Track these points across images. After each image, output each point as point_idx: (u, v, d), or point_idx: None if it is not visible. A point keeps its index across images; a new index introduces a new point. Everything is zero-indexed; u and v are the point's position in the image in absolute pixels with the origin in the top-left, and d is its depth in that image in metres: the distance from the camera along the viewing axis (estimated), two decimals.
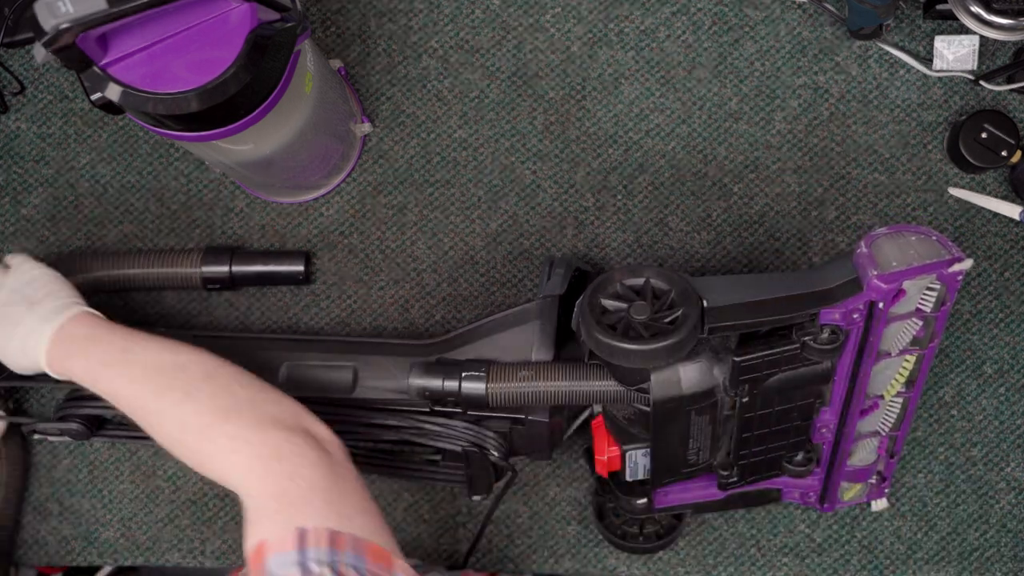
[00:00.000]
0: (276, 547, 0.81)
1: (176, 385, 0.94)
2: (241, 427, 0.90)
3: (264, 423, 0.91)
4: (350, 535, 0.83)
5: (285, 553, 0.80)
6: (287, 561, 0.80)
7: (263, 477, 0.87)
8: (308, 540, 0.81)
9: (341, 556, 0.81)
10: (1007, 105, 1.20)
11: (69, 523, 1.24)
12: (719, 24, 1.21)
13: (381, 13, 1.22)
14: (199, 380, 0.95)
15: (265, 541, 0.82)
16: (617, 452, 1.06)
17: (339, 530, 0.82)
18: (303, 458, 0.88)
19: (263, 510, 0.85)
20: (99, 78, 0.86)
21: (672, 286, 0.94)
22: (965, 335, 1.21)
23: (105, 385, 0.98)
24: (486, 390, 1.02)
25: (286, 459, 0.88)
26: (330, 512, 0.85)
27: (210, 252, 1.19)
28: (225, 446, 0.90)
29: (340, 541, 0.82)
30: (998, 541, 1.21)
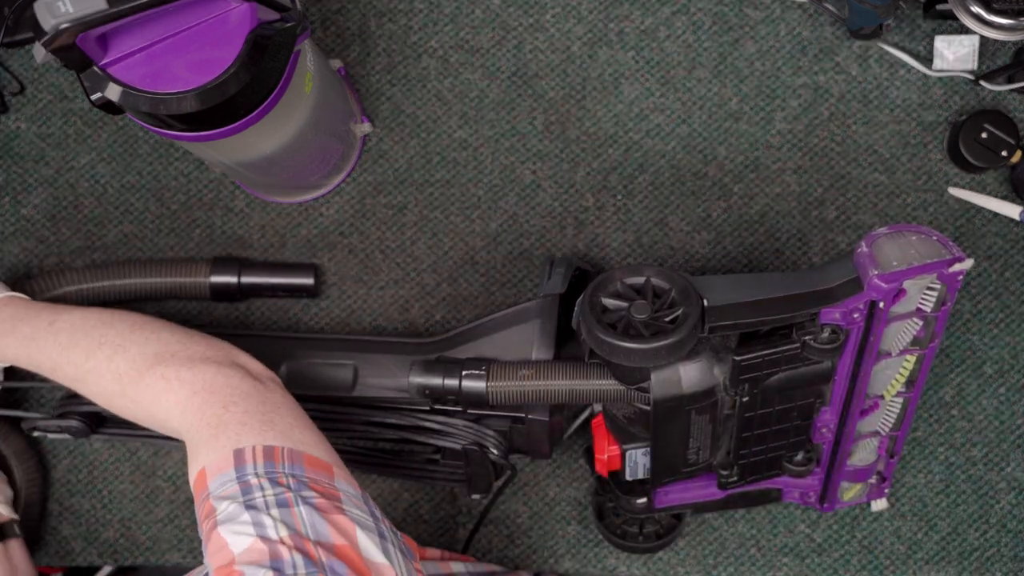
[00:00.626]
0: (215, 470, 0.82)
1: (105, 341, 0.97)
2: (173, 367, 0.93)
3: (195, 361, 0.93)
4: (287, 448, 0.84)
5: (224, 473, 0.82)
6: (226, 480, 0.81)
7: (199, 410, 0.89)
8: (245, 457, 0.82)
9: (279, 467, 0.82)
10: (1007, 105, 1.20)
11: (69, 523, 1.24)
12: (719, 24, 1.21)
13: (381, 13, 1.22)
14: (127, 332, 0.97)
15: (204, 467, 0.83)
16: (617, 451, 1.06)
17: (274, 444, 0.84)
18: (236, 388, 0.91)
19: (200, 439, 0.87)
20: (99, 78, 0.86)
21: (672, 285, 0.94)
22: (965, 335, 1.21)
23: (37, 358, 1.00)
24: (486, 388, 1.02)
25: (219, 390, 0.91)
26: (267, 430, 0.86)
27: (218, 264, 1.19)
28: (161, 387, 0.92)
29: (275, 453, 0.83)
30: (998, 541, 1.21)
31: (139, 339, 0.97)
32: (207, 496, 0.81)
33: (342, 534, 0.78)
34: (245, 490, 0.80)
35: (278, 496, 0.79)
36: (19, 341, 1.02)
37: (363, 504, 0.84)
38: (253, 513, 0.77)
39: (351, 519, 0.80)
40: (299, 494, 0.80)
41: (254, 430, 0.86)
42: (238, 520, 0.77)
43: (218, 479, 0.82)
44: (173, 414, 0.91)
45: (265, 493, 0.79)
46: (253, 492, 0.79)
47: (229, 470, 0.82)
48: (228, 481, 0.81)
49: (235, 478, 0.81)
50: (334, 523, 0.78)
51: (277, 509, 0.78)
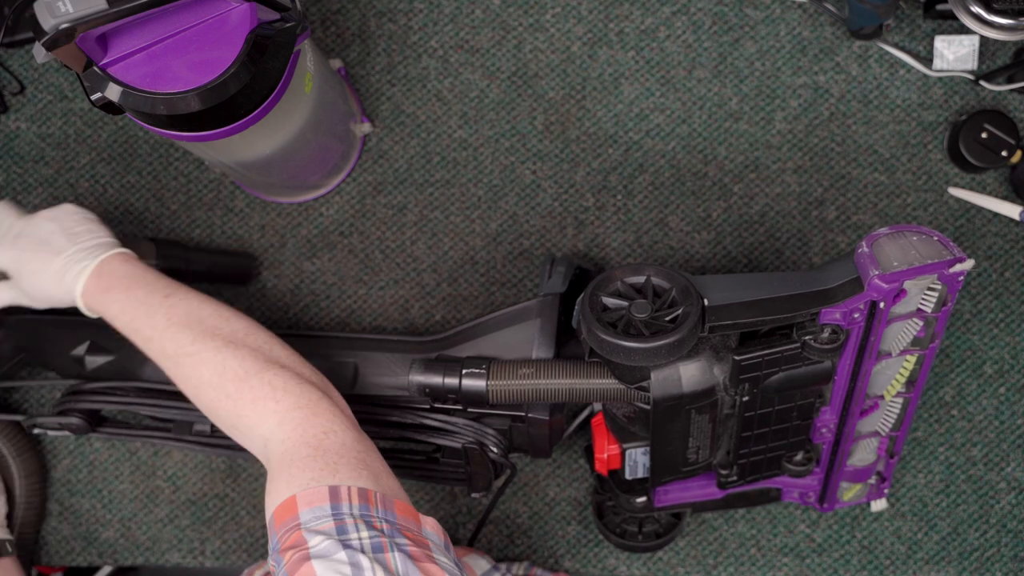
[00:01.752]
0: (308, 501, 0.81)
1: (219, 334, 0.95)
2: (284, 378, 0.92)
3: (303, 380, 0.93)
4: (379, 493, 0.83)
5: (319, 507, 0.80)
6: (321, 514, 0.80)
7: (299, 426, 0.88)
8: (341, 496, 0.81)
9: (373, 511, 0.81)
10: (1007, 105, 1.20)
11: (69, 523, 1.24)
12: (719, 24, 1.21)
13: (381, 13, 1.22)
14: (242, 333, 0.96)
15: (296, 496, 0.81)
16: (617, 450, 1.06)
17: (368, 488, 0.83)
18: (337, 419, 0.90)
19: (296, 456, 0.86)
20: (99, 78, 0.86)
21: (673, 284, 0.94)
22: (965, 335, 1.21)
23: (140, 324, 0.98)
24: (486, 387, 1.02)
25: (323, 415, 0.90)
26: (362, 469, 0.85)
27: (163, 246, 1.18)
28: (265, 393, 0.91)
29: (370, 496, 0.82)
30: (998, 541, 1.21)
31: (252, 343, 0.95)
32: (297, 525, 0.80)
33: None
34: (340, 529, 0.78)
35: (373, 540, 0.78)
36: (129, 301, 0.99)
37: (447, 553, 0.84)
38: (350, 553, 0.76)
39: (442, 568, 0.79)
40: (393, 540, 0.79)
41: (351, 465, 0.85)
42: (333, 557, 0.76)
43: (312, 511, 0.80)
44: (270, 422, 0.90)
45: (361, 535, 0.78)
46: (349, 532, 0.78)
47: (325, 504, 0.80)
48: (323, 516, 0.79)
49: (331, 514, 0.80)
50: (427, 572, 0.77)
51: (373, 554, 0.77)
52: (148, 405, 1.11)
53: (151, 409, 1.12)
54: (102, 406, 1.15)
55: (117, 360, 1.13)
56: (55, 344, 1.15)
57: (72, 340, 1.14)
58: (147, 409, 1.12)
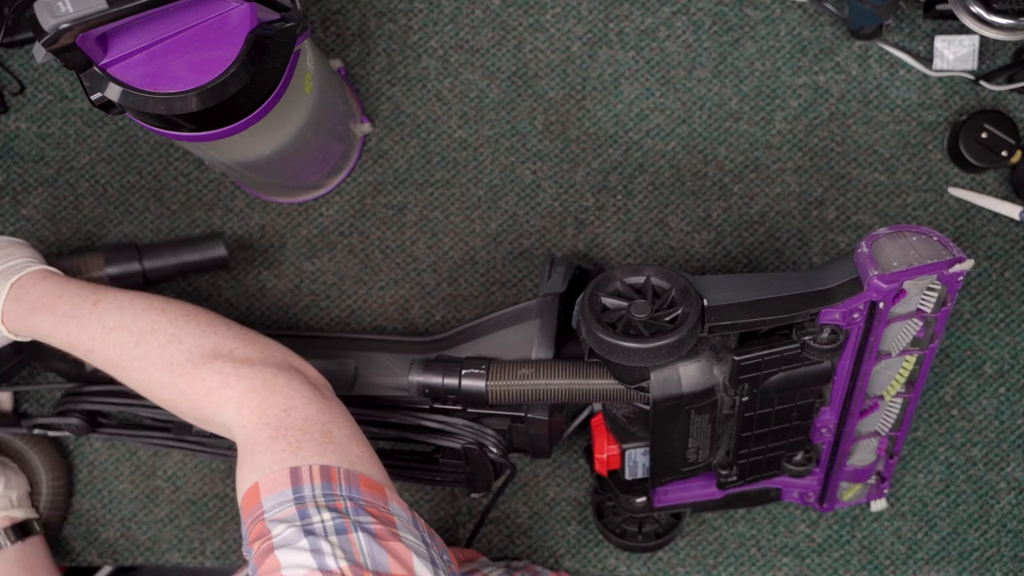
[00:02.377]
0: (269, 487, 0.80)
1: (159, 328, 0.92)
2: (232, 363, 0.89)
3: (255, 360, 0.90)
4: (343, 468, 0.82)
5: (280, 492, 0.79)
6: (282, 500, 0.79)
7: (258, 409, 0.86)
8: (302, 477, 0.80)
9: (336, 489, 0.80)
10: (1007, 105, 1.20)
11: (69, 523, 1.24)
12: (719, 24, 1.21)
13: (381, 13, 1.22)
14: (181, 321, 0.93)
15: (258, 483, 0.80)
16: (616, 451, 1.06)
17: (331, 464, 0.81)
18: (297, 392, 0.88)
19: (258, 439, 0.84)
20: (99, 78, 0.86)
21: (672, 284, 0.94)
22: (965, 335, 1.21)
23: (76, 338, 0.95)
24: (486, 387, 1.02)
25: (280, 392, 0.87)
26: (326, 442, 0.84)
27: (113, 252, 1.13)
28: (218, 382, 0.89)
29: (333, 474, 0.81)
30: (998, 541, 1.21)
31: (195, 330, 0.92)
32: (260, 515, 0.79)
33: (400, 563, 0.76)
34: (303, 513, 0.77)
35: (336, 522, 0.77)
36: (57, 318, 0.96)
37: (415, 528, 0.82)
38: (312, 540, 0.75)
39: (407, 546, 0.78)
40: (356, 519, 0.78)
41: (314, 440, 0.84)
42: (296, 546, 0.75)
43: (273, 498, 0.79)
44: (227, 410, 0.88)
45: (323, 518, 0.77)
46: (311, 516, 0.77)
47: (286, 489, 0.79)
48: (285, 502, 0.79)
49: (292, 499, 0.79)
50: (392, 551, 0.76)
51: (336, 536, 0.76)
52: (147, 406, 1.11)
53: (150, 410, 1.12)
54: (102, 407, 1.15)
55: None
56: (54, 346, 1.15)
57: None
58: (146, 410, 1.12)
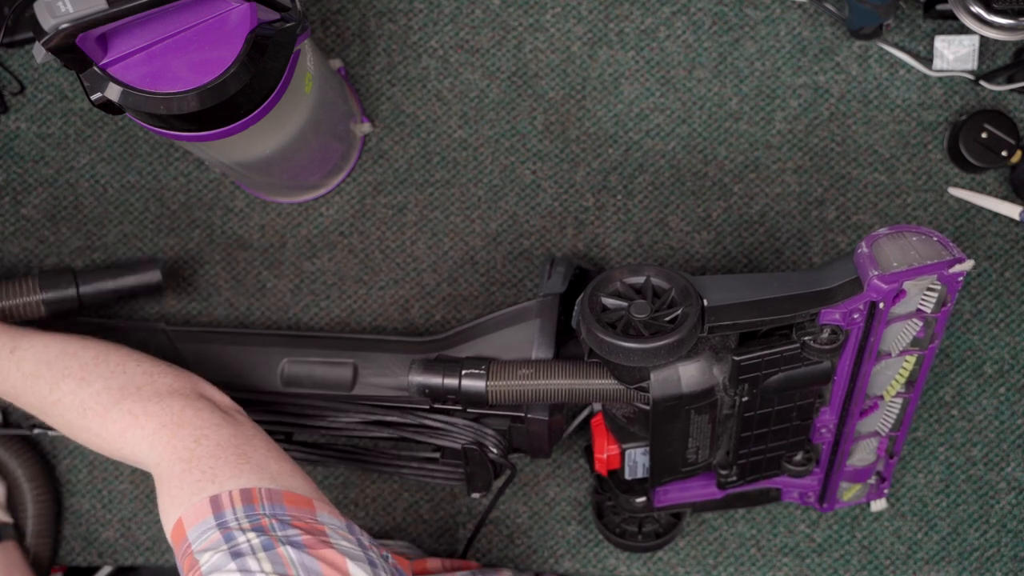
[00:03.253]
0: (192, 520, 0.80)
1: (69, 373, 0.95)
2: (140, 402, 0.91)
3: (162, 395, 0.92)
4: (264, 488, 0.82)
5: (203, 522, 0.79)
6: (205, 528, 0.79)
7: (169, 444, 0.87)
8: (223, 503, 0.80)
9: (258, 509, 0.80)
10: (1007, 105, 1.20)
11: (69, 523, 1.24)
12: (719, 24, 1.21)
13: (381, 13, 1.22)
14: (91, 364, 0.96)
15: (181, 518, 0.81)
16: (616, 451, 1.06)
17: (251, 485, 0.82)
18: (206, 421, 0.89)
19: (172, 474, 0.85)
20: (99, 78, 0.86)
21: (672, 285, 0.94)
22: (965, 335, 1.21)
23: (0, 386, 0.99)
24: (486, 387, 1.02)
25: (189, 424, 0.89)
26: (242, 463, 0.84)
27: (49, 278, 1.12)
28: (128, 423, 0.90)
29: (254, 495, 0.81)
30: (998, 541, 1.21)
31: (104, 372, 0.95)
32: (188, 549, 0.79)
33: (333, 568, 0.76)
34: (227, 536, 0.77)
35: (262, 539, 0.76)
36: None
37: (349, 534, 0.82)
38: (239, 560, 0.75)
39: (339, 551, 0.77)
40: (283, 534, 0.77)
41: (229, 464, 0.84)
42: (224, 569, 0.75)
43: (196, 528, 0.79)
44: (141, 448, 0.89)
45: (249, 538, 0.76)
46: (236, 538, 0.77)
47: (208, 517, 0.79)
48: (208, 530, 0.78)
49: (214, 525, 0.78)
50: (323, 558, 0.76)
51: (264, 552, 0.75)
52: None
53: None
54: None
55: None
56: None
57: None
58: None
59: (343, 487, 1.23)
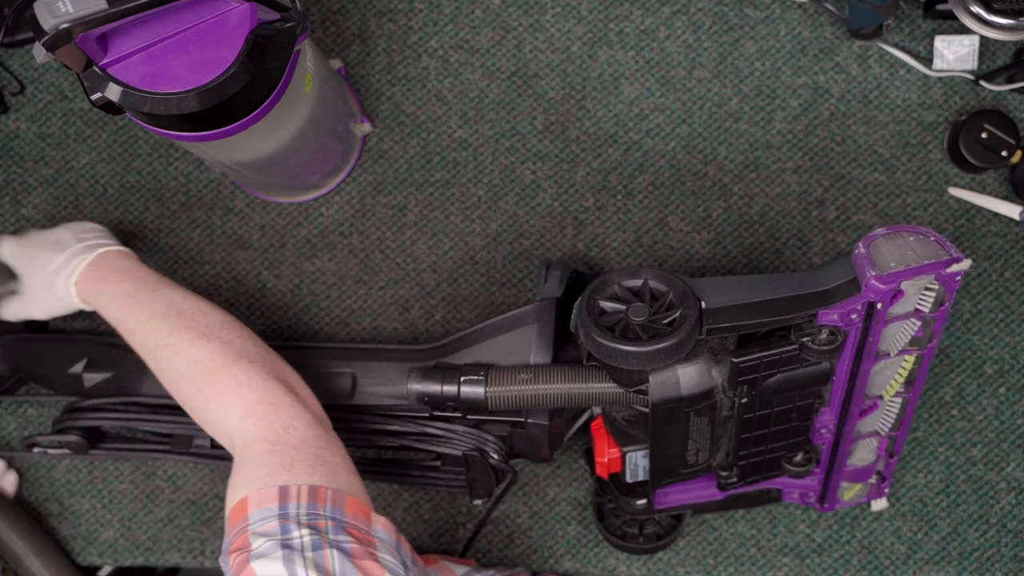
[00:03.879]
0: (258, 502, 0.83)
1: (194, 326, 0.98)
2: (250, 373, 0.94)
3: (270, 375, 0.95)
4: (331, 490, 0.85)
5: (267, 508, 0.82)
6: (268, 514, 0.82)
7: (260, 421, 0.90)
8: (290, 495, 0.83)
9: (320, 509, 0.83)
10: (1007, 105, 1.20)
11: (69, 523, 1.24)
12: (719, 24, 1.21)
13: (381, 13, 1.22)
14: (217, 326, 0.99)
15: (248, 497, 0.84)
16: (617, 454, 1.06)
17: (319, 484, 0.85)
18: (300, 414, 0.92)
19: (255, 451, 0.88)
20: (99, 78, 0.86)
21: (670, 287, 0.94)
22: (965, 335, 1.21)
23: (126, 315, 1.02)
24: (485, 394, 1.02)
25: (284, 410, 0.92)
26: (317, 465, 0.87)
27: None
28: (231, 387, 0.93)
29: (320, 495, 0.84)
30: (998, 541, 1.21)
31: (225, 336, 0.98)
32: (245, 527, 0.82)
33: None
34: (284, 528, 0.81)
35: (313, 538, 0.80)
36: (119, 295, 1.03)
37: (395, 551, 0.85)
38: (287, 552, 0.78)
39: (382, 566, 0.81)
40: (334, 538, 0.81)
41: (307, 461, 0.87)
42: (271, 557, 0.78)
43: (260, 512, 0.82)
44: (233, 415, 0.92)
45: (302, 534, 0.80)
46: (291, 531, 0.80)
47: (273, 505, 0.82)
48: (269, 516, 0.82)
49: (277, 514, 0.82)
50: (364, 569, 0.79)
51: (311, 552, 0.79)
52: (147, 420, 1.12)
53: (150, 424, 1.13)
54: (101, 423, 1.15)
55: (115, 376, 1.13)
56: (53, 362, 1.15)
57: (70, 357, 1.14)
58: (146, 424, 1.13)
59: None
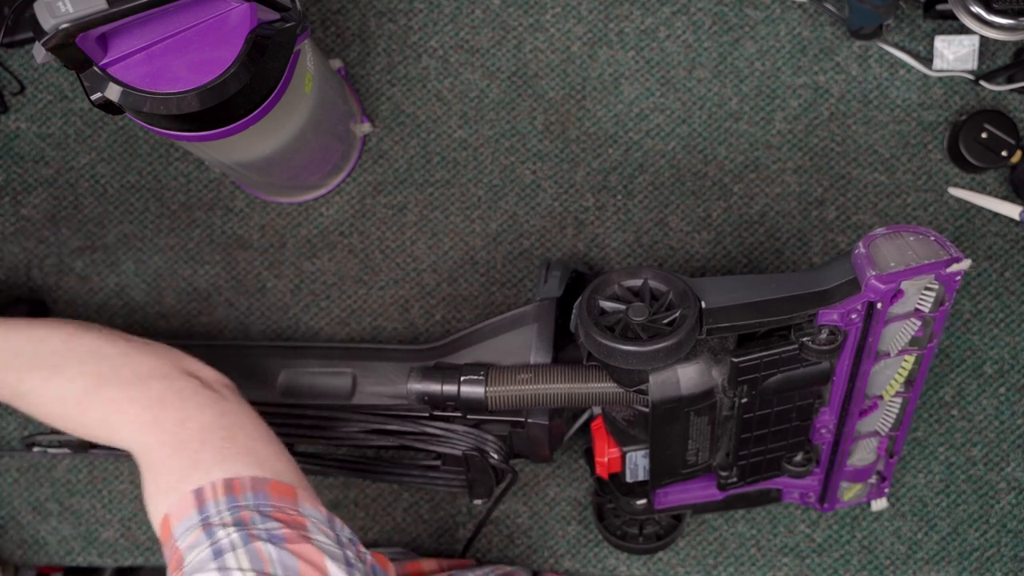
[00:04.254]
0: (178, 516, 0.79)
1: (38, 362, 0.91)
2: (119, 387, 0.88)
3: (142, 377, 0.89)
4: (248, 477, 0.81)
5: (187, 518, 0.79)
6: (190, 524, 0.78)
7: (152, 428, 0.85)
8: (205, 496, 0.79)
9: (241, 500, 0.79)
10: (1007, 105, 1.20)
11: (69, 523, 1.24)
12: (719, 24, 1.21)
13: (381, 13, 1.22)
14: (61, 350, 0.92)
15: (167, 515, 0.80)
16: (617, 454, 1.06)
17: (234, 475, 0.80)
18: (190, 401, 0.87)
19: (157, 459, 0.83)
20: (99, 78, 0.86)
21: (670, 287, 0.94)
22: (965, 335, 1.21)
23: None
24: (485, 394, 1.02)
25: (172, 406, 0.86)
26: (227, 446, 0.83)
27: None
28: (109, 410, 0.88)
29: (237, 486, 0.80)
30: (998, 541, 1.21)
31: (75, 357, 0.91)
32: (175, 545, 0.78)
33: (311, 565, 0.76)
34: (209, 533, 0.77)
35: (241, 534, 0.76)
36: None
37: (329, 529, 0.81)
38: (220, 560, 0.75)
39: (318, 548, 0.77)
40: (263, 527, 0.77)
41: (214, 447, 0.83)
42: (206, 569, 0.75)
43: (182, 524, 0.79)
44: (124, 435, 0.87)
45: (229, 532, 0.76)
46: (217, 534, 0.76)
47: (192, 513, 0.79)
48: (192, 527, 0.78)
49: (198, 522, 0.78)
50: (301, 554, 0.76)
51: (243, 548, 0.75)
52: None
53: None
54: None
55: None
56: None
57: None
58: None
59: (343, 487, 1.23)
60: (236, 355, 1.16)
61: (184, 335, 1.23)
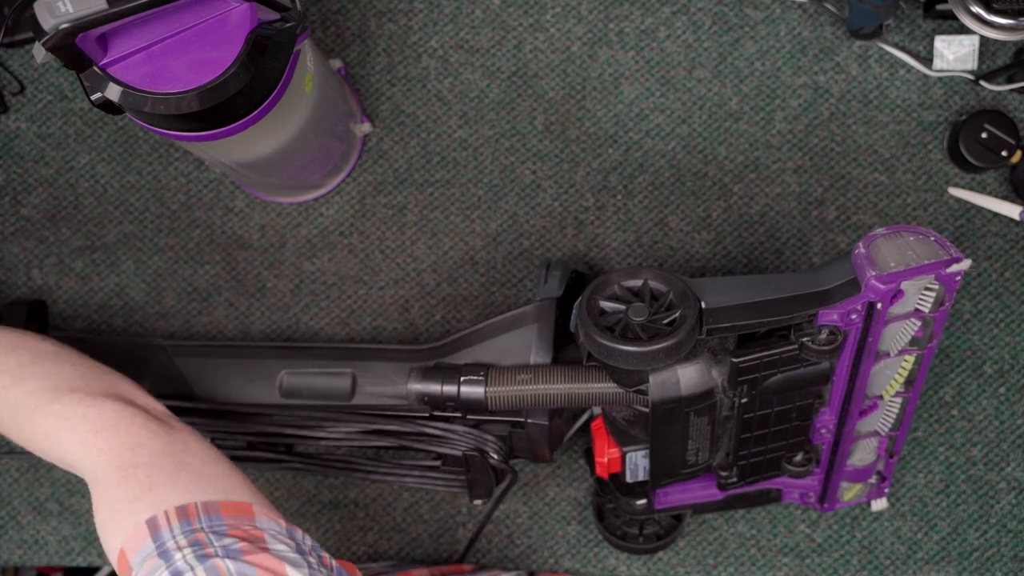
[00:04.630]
0: (133, 547, 0.79)
1: (3, 369, 0.93)
2: (72, 404, 0.89)
3: (97, 397, 0.89)
4: (200, 501, 0.81)
5: (143, 548, 0.78)
6: (145, 554, 0.78)
7: (103, 450, 0.85)
8: (159, 525, 0.79)
9: (195, 524, 0.79)
10: (1007, 105, 1.20)
11: (69, 523, 1.24)
12: (719, 24, 1.21)
13: (381, 13, 1.22)
14: (27, 362, 0.93)
15: (123, 548, 0.79)
16: (617, 454, 1.06)
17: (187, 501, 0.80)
18: (142, 427, 0.87)
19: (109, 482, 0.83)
20: (99, 78, 0.86)
21: (670, 287, 0.94)
22: (965, 335, 1.21)
23: None
24: (485, 394, 1.02)
25: (125, 430, 0.87)
26: (179, 471, 0.83)
27: None
28: (60, 425, 0.88)
29: (191, 511, 0.80)
30: (998, 541, 1.21)
31: (38, 371, 0.92)
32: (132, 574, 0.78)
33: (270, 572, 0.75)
34: (165, 557, 0.76)
35: (197, 553, 0.76)
36: None
37: (288, 539, 0.81)
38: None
39: (277, 556, 0.77)
40: (220, 545, 0.77)
41: (166, 472, 0.83)
42: None
43: (138, 555, 0.78)
44: (73, 452, 0.87)
45: (185, 554, 0.76)
46: (173, 557, 0.76)
47: (147, 543, 0.78)
48: (148, 555, 0.77)
49: (154, 550, 0.78)
50: (259, 563, 0.76)
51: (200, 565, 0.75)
52: None
53: None
54: None
55: None
56: None
57: None
58: None
59: (343, 487, 1.23)
60: (236, 355, 1.16)
61: (184, 335, 1.23)
